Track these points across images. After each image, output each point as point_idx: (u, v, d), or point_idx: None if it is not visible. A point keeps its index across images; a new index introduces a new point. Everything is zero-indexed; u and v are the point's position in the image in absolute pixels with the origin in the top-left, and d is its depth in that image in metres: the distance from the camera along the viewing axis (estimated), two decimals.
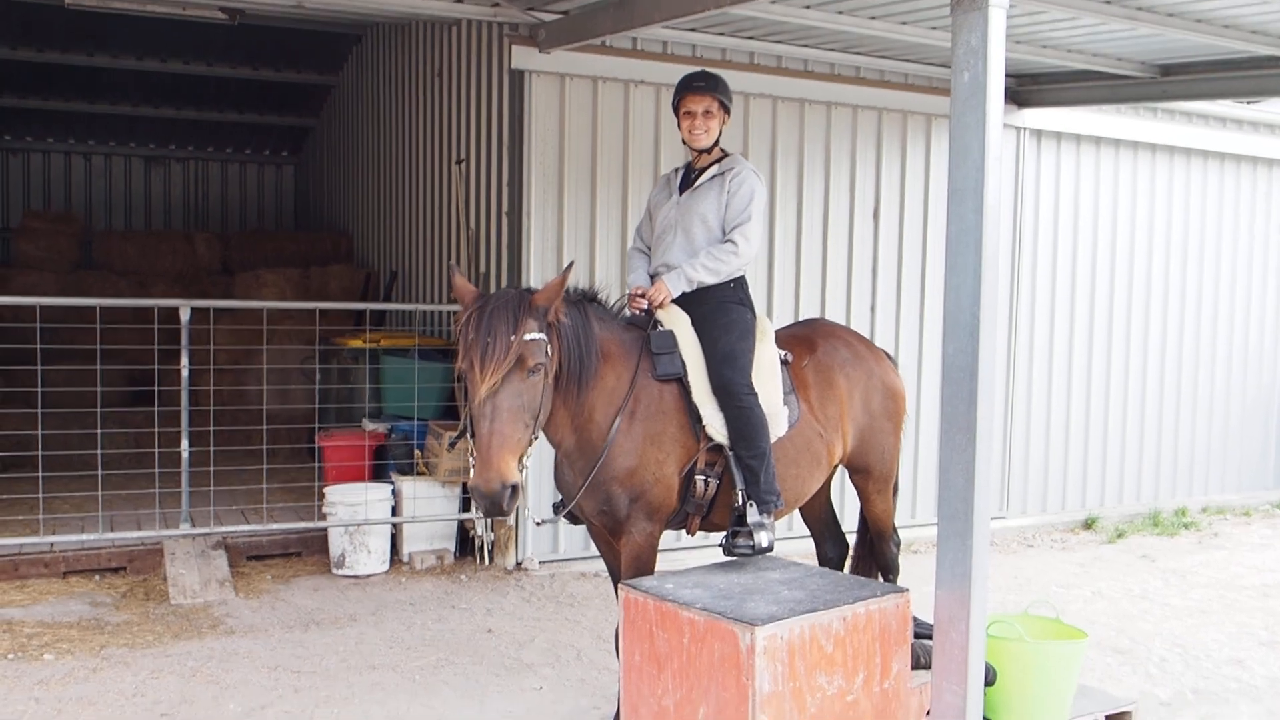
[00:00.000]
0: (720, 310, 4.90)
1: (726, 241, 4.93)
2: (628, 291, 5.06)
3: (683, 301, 4.90)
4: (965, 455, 4.31)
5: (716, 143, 5.06)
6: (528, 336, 4.15)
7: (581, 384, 4.48)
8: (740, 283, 5.03)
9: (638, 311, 4.94)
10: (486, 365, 4.07)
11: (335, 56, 13.35)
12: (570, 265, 4.47)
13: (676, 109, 5.05)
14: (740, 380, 4.71)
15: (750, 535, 4.70)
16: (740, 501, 4.74)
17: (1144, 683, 5.84)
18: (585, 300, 4.69)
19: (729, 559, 4.80)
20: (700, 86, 4.98)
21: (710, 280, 4.89)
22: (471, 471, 4.15)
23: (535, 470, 7.22)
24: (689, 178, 5.11)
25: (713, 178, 5.00)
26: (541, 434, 4.43)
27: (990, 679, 4.82)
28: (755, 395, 4.72)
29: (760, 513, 4.69)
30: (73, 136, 16.51)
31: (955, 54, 4.26)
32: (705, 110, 4.96)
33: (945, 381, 4.34)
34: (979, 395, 4.25)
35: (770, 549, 4.73)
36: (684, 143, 5.07)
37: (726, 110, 5.05)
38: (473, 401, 4.16)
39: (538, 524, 4.83)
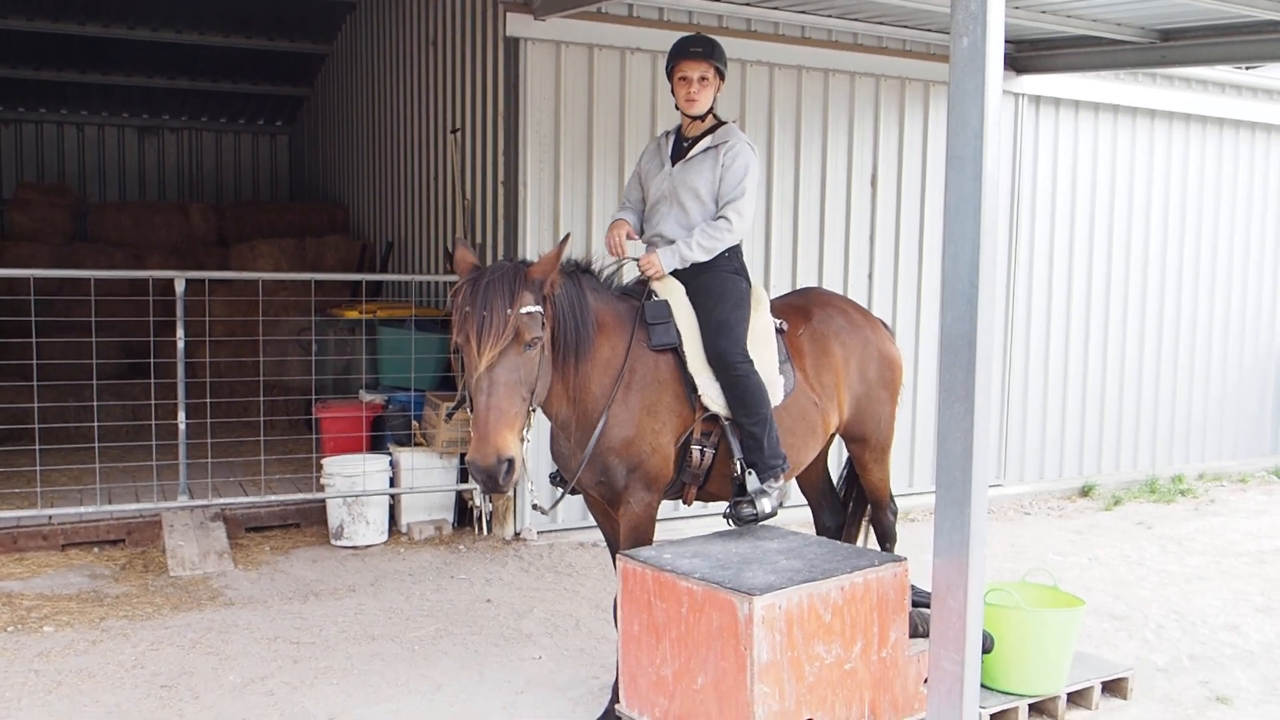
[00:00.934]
0: (715, 279, 4.87)
1: (720, 218, 4.88)
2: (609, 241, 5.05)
3: (677, 272, 4.89)
4: (963, 424, 4.29)
5: (711, 110, 4.99)
6: (524, 310, 4.12)
7: (578, 355, 4.47)
8: (734, 252, 4.99)
9: (618, 255, 4.97)
10: (484, 339, 4.05)
11: (329, 25, 13.24)
12: (567, 237, 4.46)
13: (670, 74, 4.97)
14: (734, 349, 4.69)
15: (753, 504, 4.71)
16: (739, 470, 4.74)
17: (1140, 648, 5.86)
18: (579, 271, 4.67)
19: (728, 529, 4.81)
20: (697, 52, 4.90)
21: (703, 258, 4.86)
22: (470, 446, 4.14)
23: (534, 448, 7.21)
24: (680, 145, 5.04)
25: (706, 149, 4.93)
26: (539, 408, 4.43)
27: (988, 646, 4.84)
28: (751, 363, 4.71)
29: (765, 479, 4.69)
30: (65, 107, 16.39)
31: (954, 19, 4.21)
32: (700, 77, 4.89)
33: (943, 350, 4.33)
34: (977, 364, 4.23)
35: (774, 514, 4.74)
36: (677, 108, 5.01)
37: (722, 76, 4.98)
38: (469, 376, 4.14)
39: (544, 512, 4.80)
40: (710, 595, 4.20)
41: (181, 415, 7.33)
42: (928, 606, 4.80)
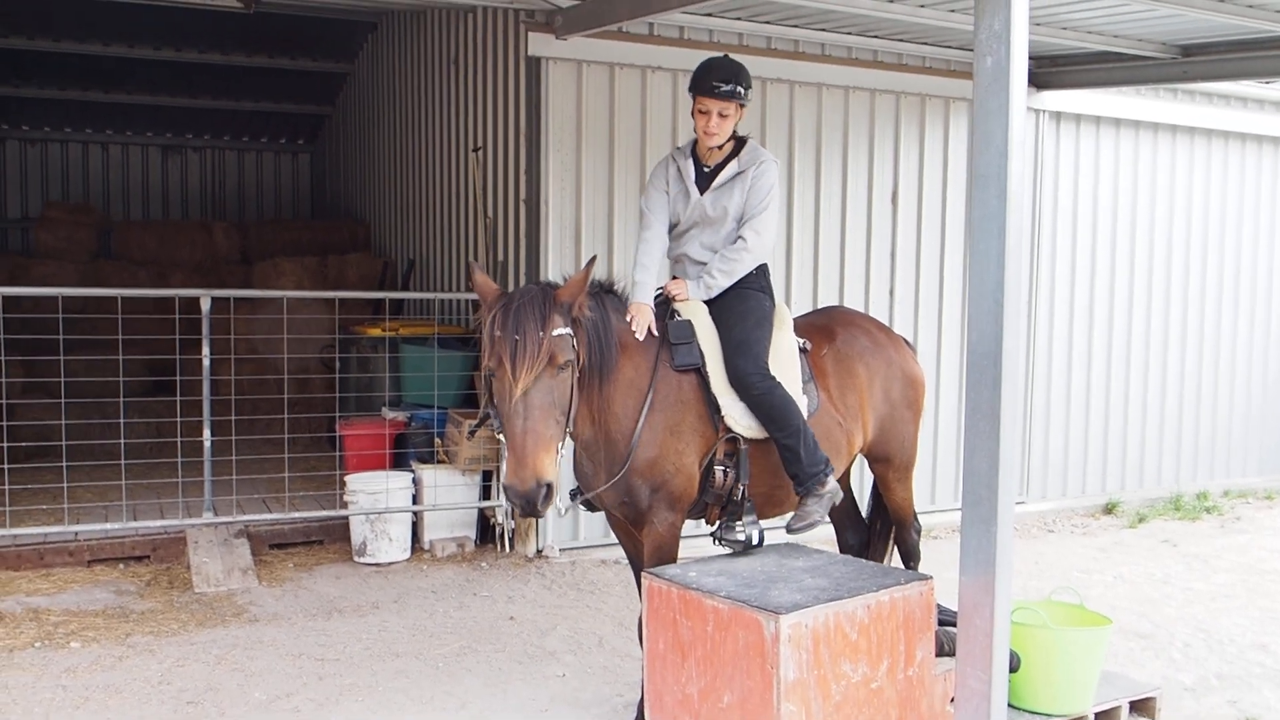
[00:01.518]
0: (737, 298, 4.87)
1: (737, 238, 4.89)
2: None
3: None
4: (989, 441, 4.29)
5: (732, 136, 4.95)
6: (556, 333, 4.15)
7: (602, 376, 4.48)
8: (761, 269, 4.99)
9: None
10: (519, 364, 4.06)
11: (351, 44, 13.35)
12: (593, 259, 4.44)
13: (692, 98, 4.93)
14: (753, 368, 4.68)
15: (741, 526, 4.73)
16: (741, 495, 4.75)
17: (1167, 668, 5.82)
18: (603, 292, 4.68)
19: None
20: (718, 90, 4.81)
21: (727, 283, 4.87)
22: (503, 470, 4.14)
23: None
24: (702, 170, 4.98)
25: (735, 175, 4.91)
26: None
27: (1014, 665, 4.82)
28: (771, 379, 4.69)
29: (811, 486, 4.71)
30: (90, 126, 16.55)
31: (978, 39, 4.23)
32: (720, 112, 4.83)
33: (969, 368, 4.33)
34: (1003, 381, 4.23)
35: (759, 545, 4.70)
36: (695, 130, 4.97)
37: (745, 104, 4.91)
38: (503, 400, 4.14)
39: (560, 514, 4.81)
40: (736, 613, 4.19)
41: (207, 432, 7.38)
42: (954, 625, 4.78)
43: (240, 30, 12.46)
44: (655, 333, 4.74)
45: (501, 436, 4.27)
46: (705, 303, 4.89)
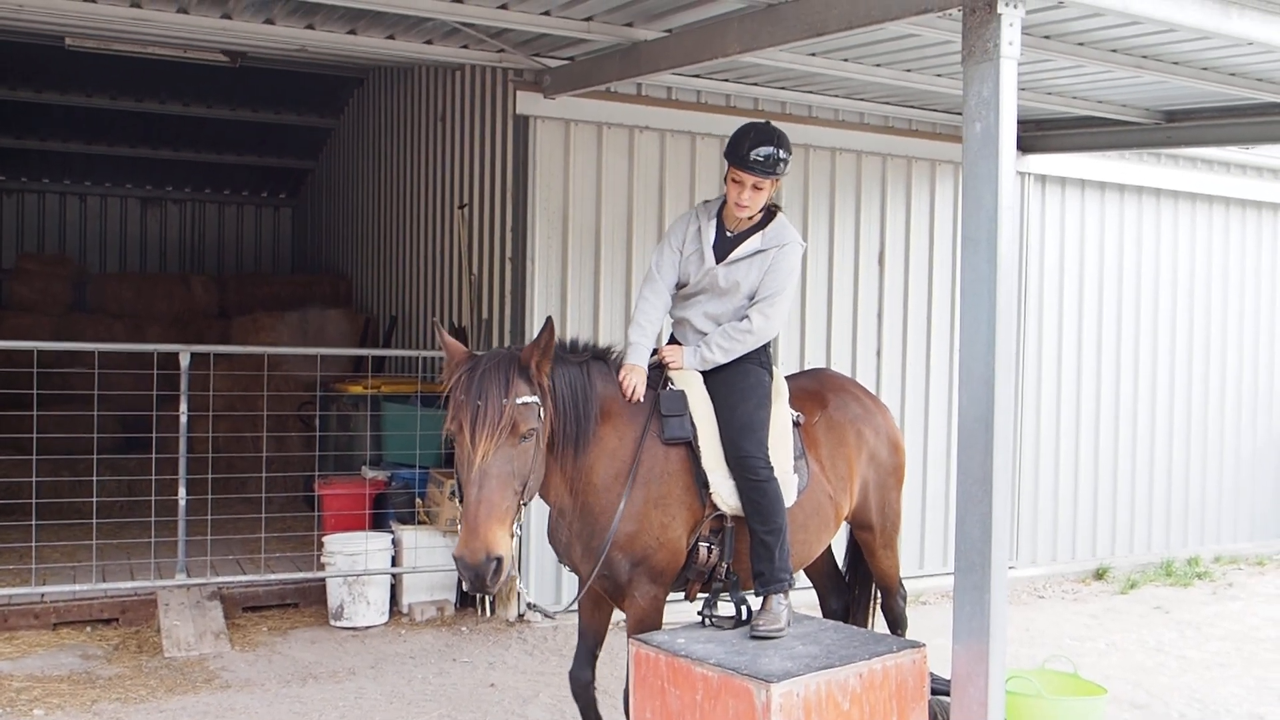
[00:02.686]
0: (739, 372, 4.71)
1: (744, 318, 4.69)
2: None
3: None
4: (981, 507, 4.23)
5: (765, 206, 4.73)
6: (520, 400, 4.03)
7: (578, 446, 4.36)
8: (769, 343, 4.87)
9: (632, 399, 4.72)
10: (478, 431, 3.95)
11: (336, 99, 13.35)
12: (549, 321, 4.21)
13: (728, 164, 4.66)
14: (757, 454, 4.53)
15: (729, 604, 4.64)
16: (725, 573, 4.65)
17: None
18: (592, 359, 4.56)
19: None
20: (757, 165, 4.54)
21: (723, 360, 4.69)
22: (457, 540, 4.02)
23: (536, 538, 7.11)
24: (724, 237, 4.76)
25: (756, 252, 4.70)
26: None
27: None
28: (772, 469, 4.54)
29: (772, 590, 4.51)
30: (69, 177, 16.48)
31: (967, 105, 4.23)
32: (755, 185, 4.59)
33: (961, 432, 4.27)
34: (995, 446, 4.18)
35: (748, 620, 4.57)
36: (727, 196, 4.74)
37: (782, 176, 4.67)
38: (462, 467, 4.04)
39: (547, 615, 4.68)
40: (726, 682, 4.08)
41: (182, 491, 7.21)
42: (946, 694, 4.68)
43: (225, 83, 12.46)
44: (641, 399, 4.61)
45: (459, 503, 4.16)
46: (700, 375, 4.76)
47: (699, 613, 4.67)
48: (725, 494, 4.55)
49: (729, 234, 4.76)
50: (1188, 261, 10.22)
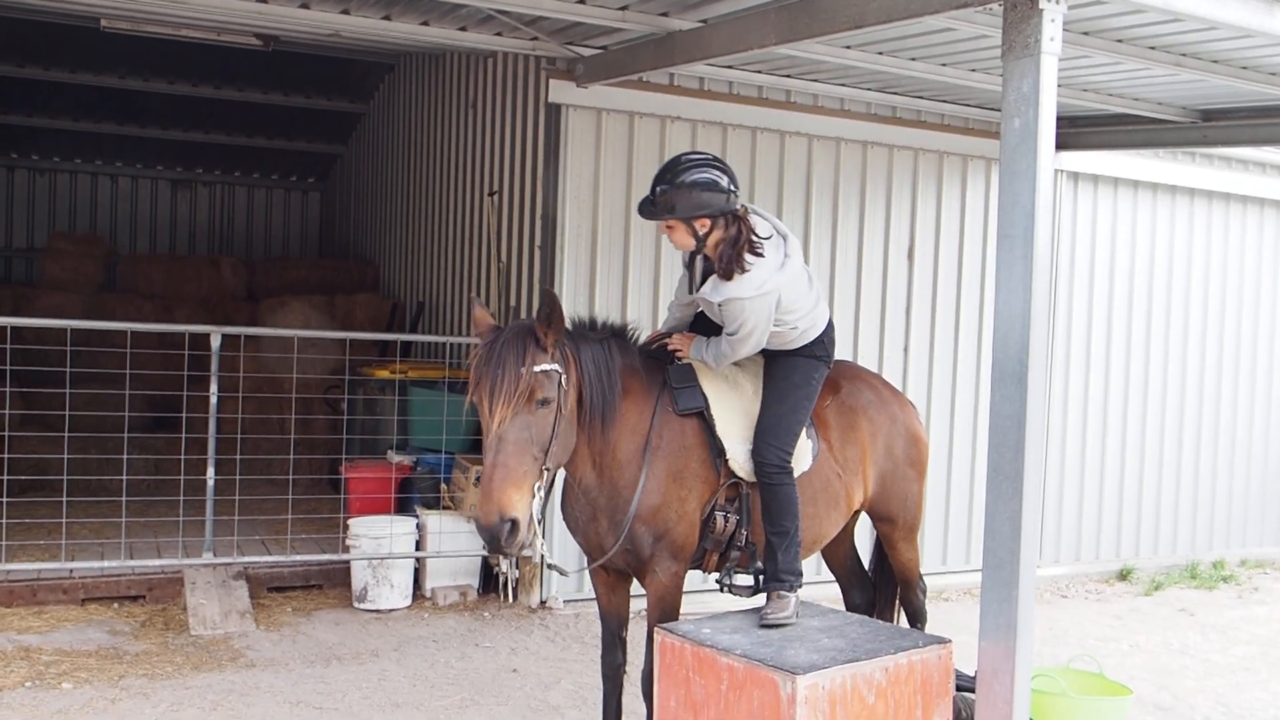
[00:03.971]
0: (790, 367, 4.72)
1: (725, 343, 4.59)
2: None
3: None
4: (1011, 504, 4.21)
5: (704, 246, 4.49)
6: (539, 368, 4.09)
7: (604, 419, 4.41)
8: (826, 338, 4.81)
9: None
10: (495, 399, 4.03)
11: (366, 84, 13.38)
12: (545, 292, 4.21)
13: None
14: (771, 457, 4.55)
15: (750, 578, 4.69)
16: (744, 541, 4.66)
17: None
18: (611, 336, 4.61)
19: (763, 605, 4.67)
20: (648, 211, 4.53)
21: (714, 366, 4.68)
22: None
23: (553, 509, 7.11)
24: (708, 268, 4.63)
25: (706, 298, 4.56)
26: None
27: None
28: (789, 472, 4.57)
29: (774, 588, 4.55)
30: (100, 158, 16.58)
31: (1006, 100, 4.20)
32: (667, 225, 4.52)
33: (992, 429, 4.26)
34: (1027, 444, 4.16)
35: (756, 593, 4.66)
36: None
37: (691, 222, 4.44)
38: (485, 435, 4.12)
39: (563, 573, 4.69)
40: (751, 673, 4.09)
41: (211, 471, 7.25)
42: (970, 690, 4.67)
43: (256, 67, 12.50)
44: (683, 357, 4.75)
45: None
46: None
47: (717, 581, 4.73)
48: (741, 460, 4.59)
49: (708, 259, 4.62)
50: (1220, 262, 10.12)
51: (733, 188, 4.46)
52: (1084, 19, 5.46)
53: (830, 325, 4.86)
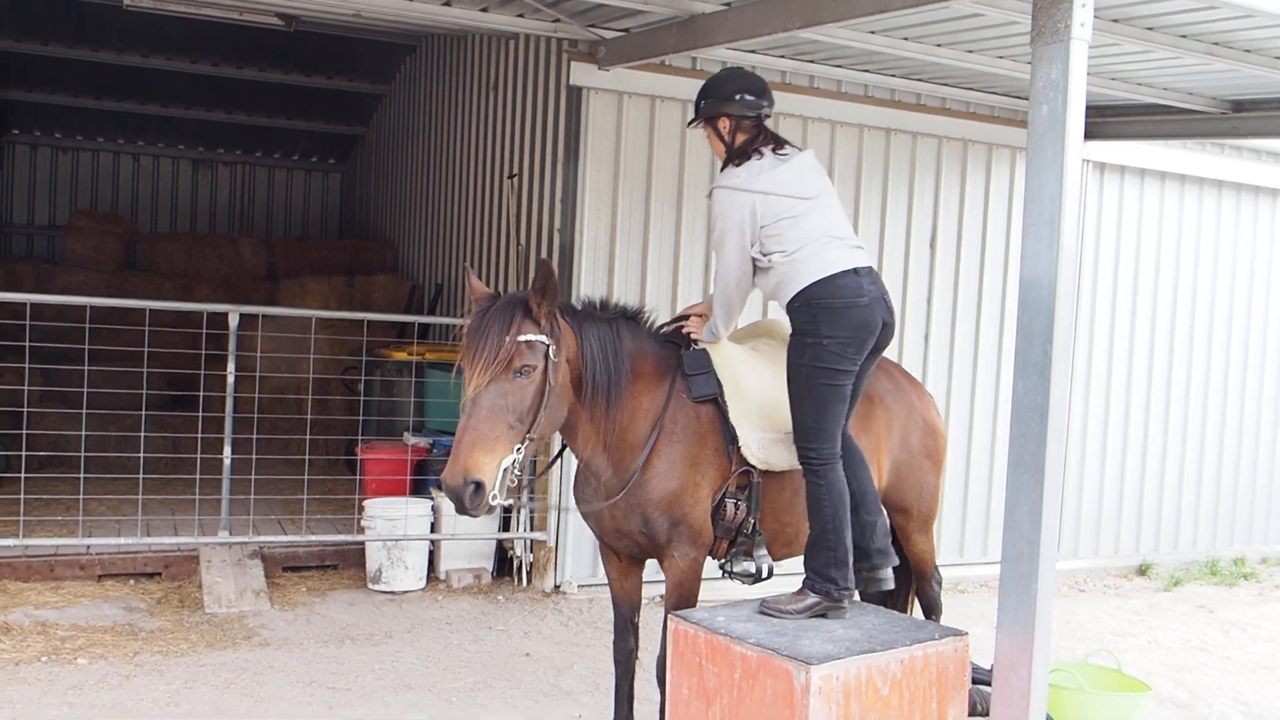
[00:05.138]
0: (788, 364, 4.40)
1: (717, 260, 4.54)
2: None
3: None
4: (1032, 496, 4.16)
5: (735, 151, 4.51)
6: (523, 337, 4.08)
7: (610, 399, 4.37)
8: (800, 301, 4.32)
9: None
10: (474, 364, 4.04)
11: (388, 66, 13.35)
12: (543, 263, 4.21)
13: None
14: (802, 456, 4.35)
15: (751, 562, 4.57)
16: (751, 530, 4.58)
17: None
18: (621, 317, 4.57)
19: (780, 595, 4.63)
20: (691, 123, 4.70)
21: (722, 326, 4.58)
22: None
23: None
24: None
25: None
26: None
27: None
28: (817, 472, 4.33)
29: (809, 589, 4.37)
30: (122, 136, 16.63)
31: (1034, 86, 4.13)
32: (705, 135, 4.66)
33: (1015, 420, 4.19)
34: (1049, 436, 4.10)
35: (768, 578, 4.56)
36: None
37: (715, 123, 4.56)
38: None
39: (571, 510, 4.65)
40: (765, 662, 4.05)
41: (227, 450, 7.27)
42: (986, 684, 4.62)
43: (278, 47, 12.50)
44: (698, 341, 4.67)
45: None
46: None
47: (720, 566, 4.66)
48: (754, 447, 4.51)
49: None
50: (1248, 256, 10.00)
51: (764, 103, 4.53)
52: (1115, 5, 5.37)
53: (829, 282, 4.29)
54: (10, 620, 6.30)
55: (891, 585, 4.67)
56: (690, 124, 4.72)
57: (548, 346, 4.15)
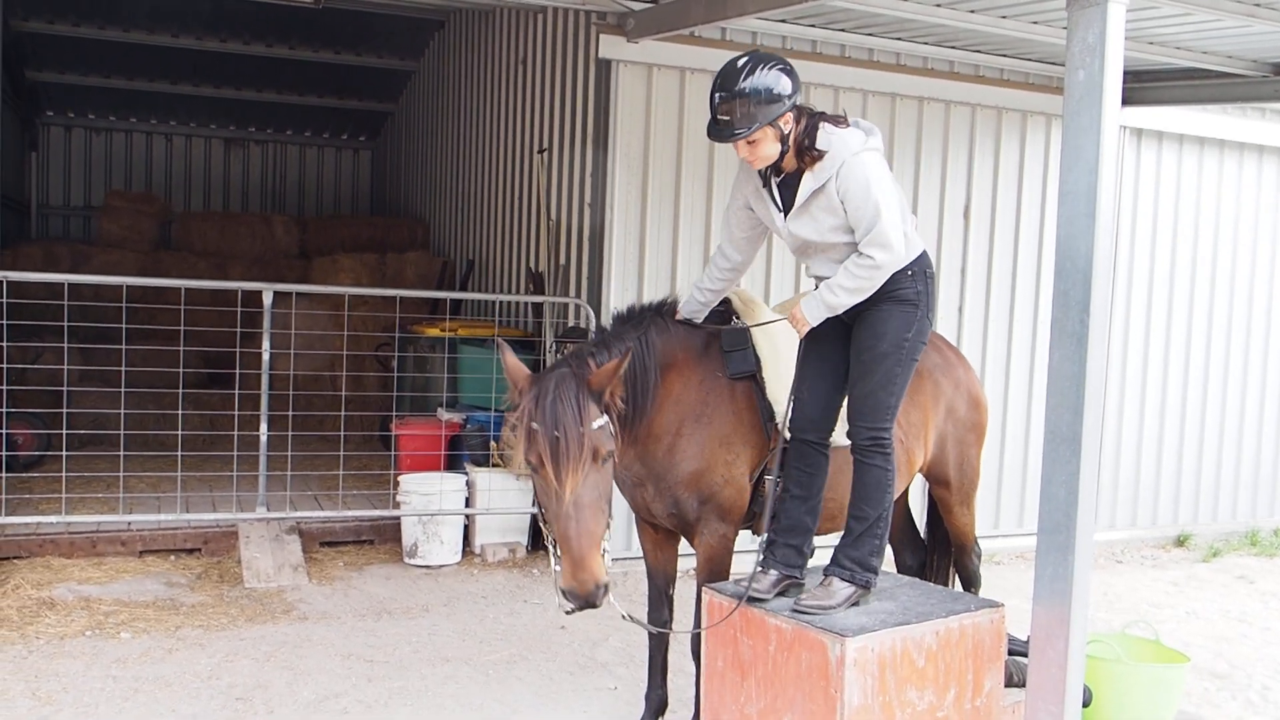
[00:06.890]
0: (878, 320, 4.17)
1: (864, 256, 4.02)
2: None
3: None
4: (1069, 467, 4.11)
5: (789, 148, 4.07)
6: (595, 425, 3.92)
7: (639, 414, 4.27)
8: (917, 266, 4.18)
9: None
10: (562, 466, 3.83)
11: (417, 42, 13.35)
12: (629, 352, 4.08)
13: None
14: (862, 437, 4.20)
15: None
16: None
17: (1244, 710, 5.58)
18: (650, 324, 4.41)
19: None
20: (717, 133, 4.06)
21: (853, 301, 4.10)
22: (557, 572, 3.97)
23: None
24: (786, 183, 4.17)
25: (813, 194, 4.06)
26: None
27: (1086, 700, 4.61)
28: (878, 453, 4.21)
29: (835, 573, 4.25)
30: (154, 116, 16.75)
31: (1070, 51, 4.05)
32: (748, 142, 4.03)
33: (1050, 390, 4.15)
34: (1086, 406, 4.05)
35: (809, 556, 4.47)
36: None
37: (776, 122, 3.99)
38: (549, 498, 3.94)
39: (631, 619, 4.57)
40: (800, 634, 4.06)
41: (264, 427, 7.33)
42: (1022, 655, 4.61)
43: (307, 25, 12.52)
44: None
45: (546, 529, 4.11)
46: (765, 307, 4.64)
47: (759, 550, 4.60)
48: None
49: (790, 178, 4.17)
50: None
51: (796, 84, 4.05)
52: None
53: (924, 257, 4.21)
54: (55, 596, 6.40)
55: None
56: (747, 133, 3.97)
57: (611, 425, 4.03)
